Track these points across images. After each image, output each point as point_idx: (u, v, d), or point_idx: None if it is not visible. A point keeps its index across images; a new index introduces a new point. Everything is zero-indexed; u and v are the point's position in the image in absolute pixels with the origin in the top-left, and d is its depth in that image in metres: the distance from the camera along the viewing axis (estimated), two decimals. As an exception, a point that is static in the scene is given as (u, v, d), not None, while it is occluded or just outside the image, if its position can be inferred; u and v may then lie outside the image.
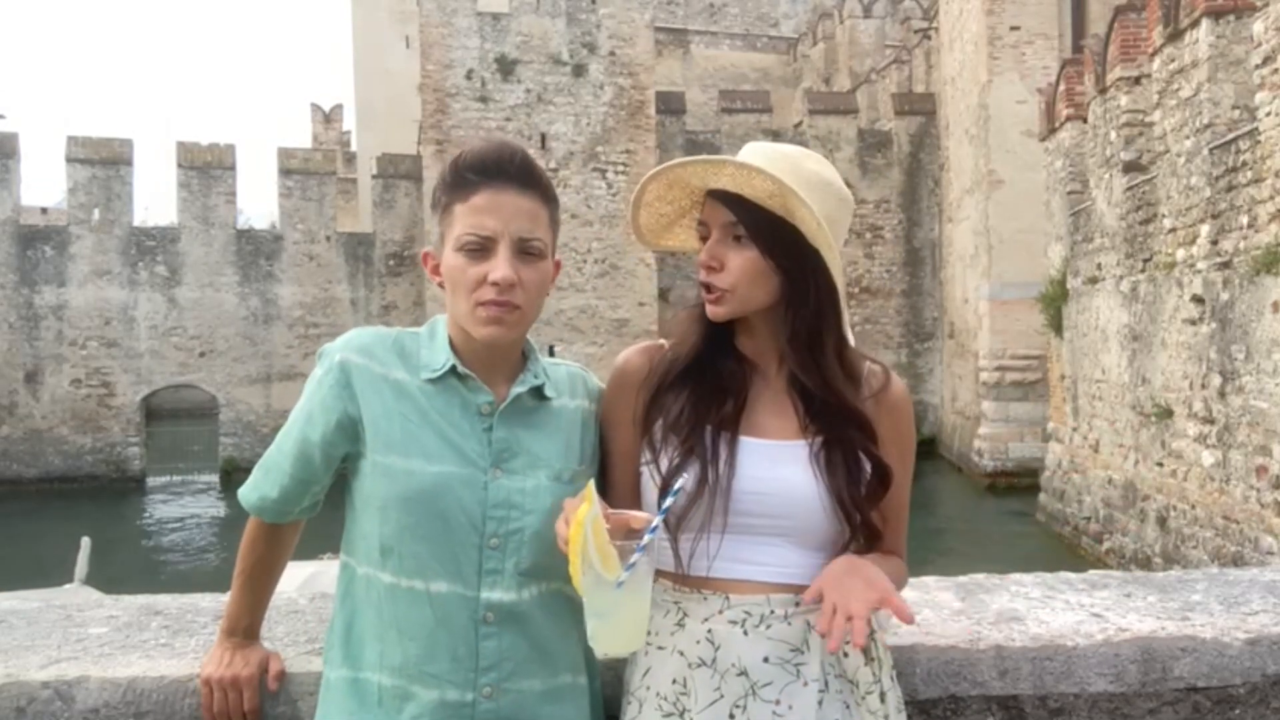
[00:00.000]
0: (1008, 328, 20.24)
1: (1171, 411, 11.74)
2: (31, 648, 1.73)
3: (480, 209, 1.48)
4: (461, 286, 1.48)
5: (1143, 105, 12.87)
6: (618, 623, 1.38)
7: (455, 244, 1.48)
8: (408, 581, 1.47)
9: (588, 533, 1.32)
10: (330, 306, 23.29)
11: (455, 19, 22.30)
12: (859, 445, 1.51)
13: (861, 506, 1.50)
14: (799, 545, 1.50)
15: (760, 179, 1.47)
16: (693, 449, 1.49)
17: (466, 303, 1.48)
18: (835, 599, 1.35)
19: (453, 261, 1.49)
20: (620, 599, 1.35)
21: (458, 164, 1.51)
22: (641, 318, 22.46)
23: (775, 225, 1.49)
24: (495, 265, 1.46)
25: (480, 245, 1.47)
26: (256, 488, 1.57)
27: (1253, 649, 1.72)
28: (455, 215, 1.49)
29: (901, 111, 25.30)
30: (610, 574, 1.33)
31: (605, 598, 1.35)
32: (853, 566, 1.42)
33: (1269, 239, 9.45)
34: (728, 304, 1.51)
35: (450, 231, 1.50)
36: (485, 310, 1.47)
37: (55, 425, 22.02)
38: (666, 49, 33.31)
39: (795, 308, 1.51)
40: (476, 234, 1.47)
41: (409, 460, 1.47)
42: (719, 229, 1.52)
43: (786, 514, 1.49)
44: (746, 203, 1.49)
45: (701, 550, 1.48)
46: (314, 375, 1.55)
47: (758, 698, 1.44)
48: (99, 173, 22.40)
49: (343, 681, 1.52)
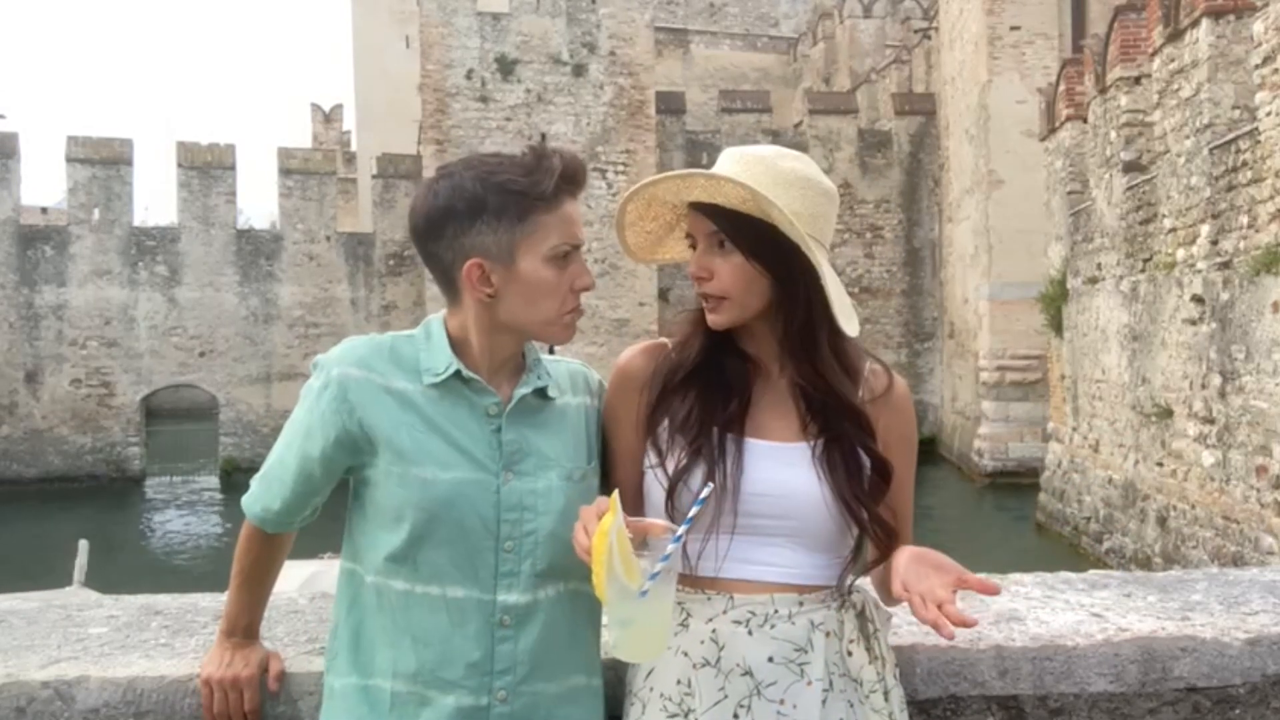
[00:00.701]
0: (1008, 328, 20.24)
1: (1171, 411, 11.74)
2: (31, 647, 1.73)
3: (571, 219, 1.50)
4: (553, 295, 1.50)
5: (1143, 105, 12.87)
6: (640, 631, 1.37)
7: (549, 253, 1.48)
8: (423, 588, 1.47)
9: (613, 543, 1.32)
10: (330, 306, 23.29)
11: (455, 19, 22.29)
12: (856, 441, 1.51)
13: (865, 503, 1.50)
14: (804, 546, 1.50)
15: (730, 187, 1.47)
16: (700, 450, 1.49)
17: (555, 310, 1.51)
18: (921, 590, 1.35)
19: (543, 272, 1.49)
20: (644, 608, 1.35)
21: (550, 173, 1.48)
22: (641, 318, 22.47)
23: (756, 229, 1.49)
24: (582, 273, 1.52)
25: (569, 254, 1.50)
26: (258, 500, 1.56)
27: (1253, 649, 1.72)
28: (543, 225, 1.48)
29: (901, 111, 25.30)
30: (634, 583, 1.33)
31: (629, 607, 1.34)
32: (916, 556, 1.42)
33: (1269, 239, 9.45)
34: (726, 311, 1.52)
35: (535, 241, 1.48)
36: (571, 316, 1.52)
37: (55, 425, 22.02)
38: (666, 49, 33.31)
39: (786, 308, 1.51)
40: (572, 244, 1.50)
41: (422, 469, 1.47)
42: (704, 239, 1.53)
43: (792, 515, 1.49)
44: (725, 210, 1.50)
45: (710, 551, 1.48)
46: (310, 387, 1.53)
47: (762, 697, 1.44)
48: (99, 173, 22.40)
49: (351, 689, 1.51)
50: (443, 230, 1.49)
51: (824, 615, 1.49)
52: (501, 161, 1.49)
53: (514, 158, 1.50)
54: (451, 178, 1.49)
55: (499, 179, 1.47)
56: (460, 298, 1.52)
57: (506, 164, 1.49)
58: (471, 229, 1.47)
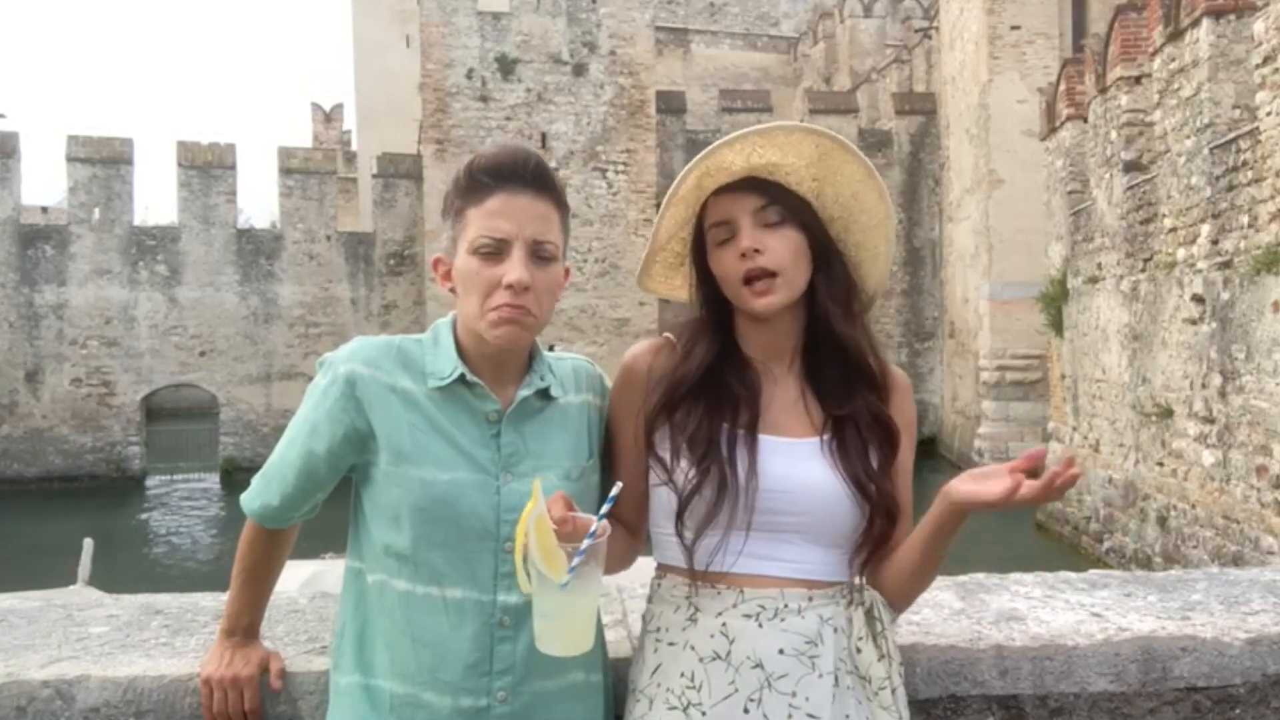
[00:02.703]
0: (1008, 327, 20.25)
1: (1172, 411, 11.74)
2: (32, 647, 1.74)
3: (495, 212, 1.47)
4: (475, 289, 1.47)
5: (1143, 105, 12.87)
6: (562, 624, 1.37)
7: (469, 247, 1.48)
8: (424, 588, 1.47)
9: (530, 531, 1.32)
10: (331, 306, 23.28)
11: (455, 18, 22.29)
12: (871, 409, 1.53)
13: (876, 479, 1.51)
14: (816, 542, 1.50)
15: (808, 140, 1.50)
16: (707, 454, 1.49)
17: (480, 306, 1.47)
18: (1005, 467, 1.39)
19: (467, 265, 1.48)
20: (565, 600, 1.34)
21: (472, 167, 1.50)
22: (641, 317, 22.45)
23: (805, 202, 1.54)
24: (510, 268, 1.46)
25: (494, 248, 1.47)
26: (259, 496, 1.56)
27: (1253, 649, 1.72)
28: (469, 219, 1.49)
29: (902, 111, 25.29)
30: (555, 575, 1.32)
31: (551, 599, 1.34)
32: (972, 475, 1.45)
33: (1269, 238, 9.45)
34: (780, 291, 1.51)
35: (464, 235, 1.49)
36: (498, 313, 1.46)
37: (56, 424, 22.02)
38: (667, 48, 33.31)
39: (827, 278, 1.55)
40: (491, 236, 1.46)
41: (422, 469, 1.47)
42: (748, 217, 1.52)
43: (808, 510, 1.49)
44: (774, 184, 1.52)
45: (728, 548, 1.48)
46: (316, 385, 1.53)
47: (773, 690, 1.44)
48: (99, 172, 22.40)
49: (355, 687, 1.51)
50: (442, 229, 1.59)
51: (833, 611, 1.49)
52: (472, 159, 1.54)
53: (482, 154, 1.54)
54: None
55: (458, 175, 1.53)
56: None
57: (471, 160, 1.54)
58: (444, 225, 1.58)
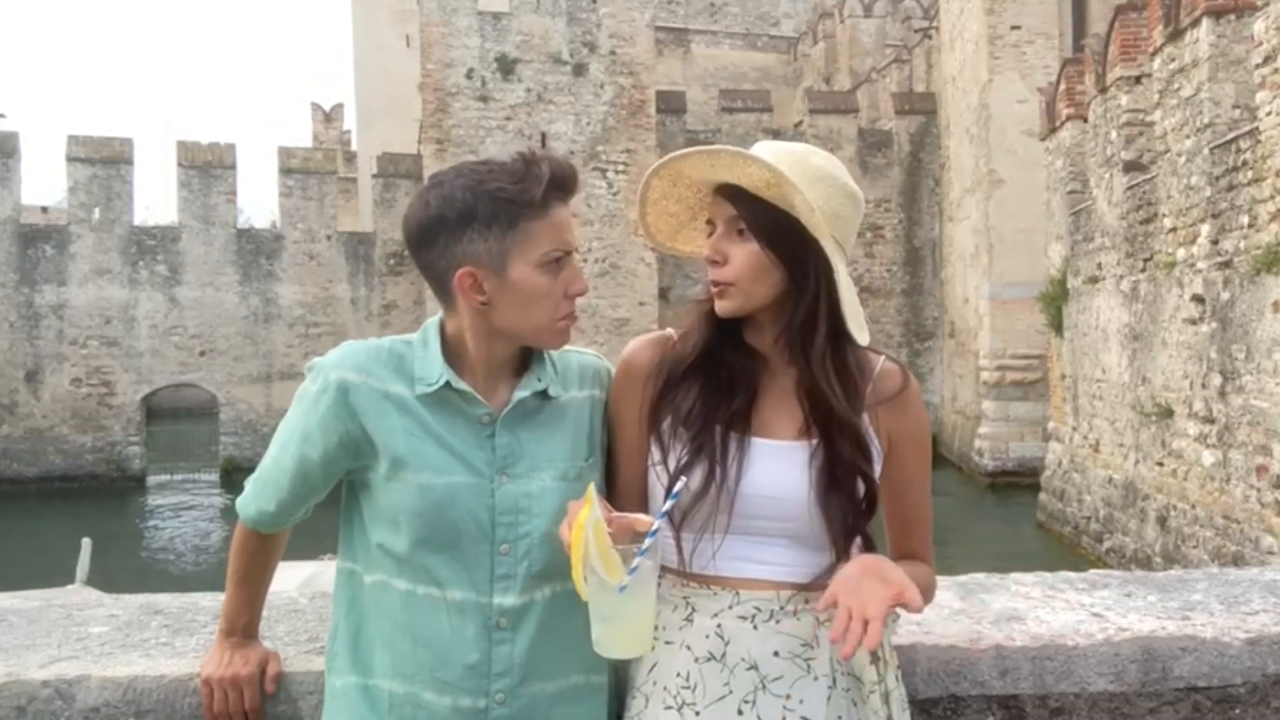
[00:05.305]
0: (1008, 327, 20.24)
1: (1172, 411, 11.74)
2: (32, 647, 1.73)
3: (563, 225, 1.50)
4: (546, 301, 1.50)
5: (1143, 105, 12.87)
6: (622, 626, 1.37)
7: (540, 260, 1.48)
8: (424, 589, 1.48)
9: (589, 537, 1.32)
10: (331, 306, 23.29)
11: (455, 18, 22.29)
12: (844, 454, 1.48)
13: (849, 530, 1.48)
14: (804, 546, 1.49)
15: (755, 168, 1.47)
16: (702, 447, 1.49)
17: (549, 316, 1.50)
18: (851, 604, 1.31)
19: (533, 278, 1.48)
20: (624, 603, 1.34)
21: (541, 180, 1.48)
22: (642, 317, 22.47)
23: (777, 219, 1.48)
24: (575, 278, 1.52)
25: (560, 260, 1.50)
26: (254, 502, 1.57)
27: (1253, 649, 1.72)
28: (534, 231, 1.48)
29: (902, 111, 25.29)
30: (613, 578, 1.32)
31: (609, 602, 1.34)
32: (867, 567, 1.38)
33: (1269, 238, 9.45)
34: (732, 298, 1.51)
35: (525, 247, 1.48)
36: (565, 322, 1.52)
37: (56, 424, 22.02)
38: (667, 48, 33.29)
39: (792, 303, 1.50)
40: (563, 250, 1.50)
41: (419, 474, 1.47)
42: (723, 224, 1.52)
43: (788, 516, 1.48)
44: (748, 196, 1.49)
45: (703, 548, 1.48)
46: (306, 391, 1.53)
47: (768, 692, 1.44)
48: (99, 172, 22.40)
49: (352, 688, 1.52)
50: (435, 239, 1.49)
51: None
52: (491, 169, 1.49)
53: (504, 164, 1.50)
54: (442, 187, 1.49)
55: (489, 187, 1.47)
56: (455, 304, 1.52)
57: (496, 171, 1.49)
58: (463, 237, 1.48)
